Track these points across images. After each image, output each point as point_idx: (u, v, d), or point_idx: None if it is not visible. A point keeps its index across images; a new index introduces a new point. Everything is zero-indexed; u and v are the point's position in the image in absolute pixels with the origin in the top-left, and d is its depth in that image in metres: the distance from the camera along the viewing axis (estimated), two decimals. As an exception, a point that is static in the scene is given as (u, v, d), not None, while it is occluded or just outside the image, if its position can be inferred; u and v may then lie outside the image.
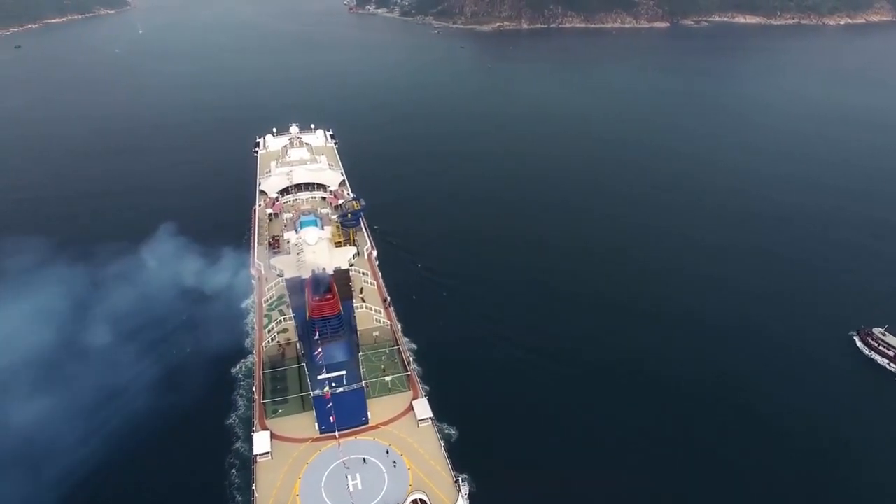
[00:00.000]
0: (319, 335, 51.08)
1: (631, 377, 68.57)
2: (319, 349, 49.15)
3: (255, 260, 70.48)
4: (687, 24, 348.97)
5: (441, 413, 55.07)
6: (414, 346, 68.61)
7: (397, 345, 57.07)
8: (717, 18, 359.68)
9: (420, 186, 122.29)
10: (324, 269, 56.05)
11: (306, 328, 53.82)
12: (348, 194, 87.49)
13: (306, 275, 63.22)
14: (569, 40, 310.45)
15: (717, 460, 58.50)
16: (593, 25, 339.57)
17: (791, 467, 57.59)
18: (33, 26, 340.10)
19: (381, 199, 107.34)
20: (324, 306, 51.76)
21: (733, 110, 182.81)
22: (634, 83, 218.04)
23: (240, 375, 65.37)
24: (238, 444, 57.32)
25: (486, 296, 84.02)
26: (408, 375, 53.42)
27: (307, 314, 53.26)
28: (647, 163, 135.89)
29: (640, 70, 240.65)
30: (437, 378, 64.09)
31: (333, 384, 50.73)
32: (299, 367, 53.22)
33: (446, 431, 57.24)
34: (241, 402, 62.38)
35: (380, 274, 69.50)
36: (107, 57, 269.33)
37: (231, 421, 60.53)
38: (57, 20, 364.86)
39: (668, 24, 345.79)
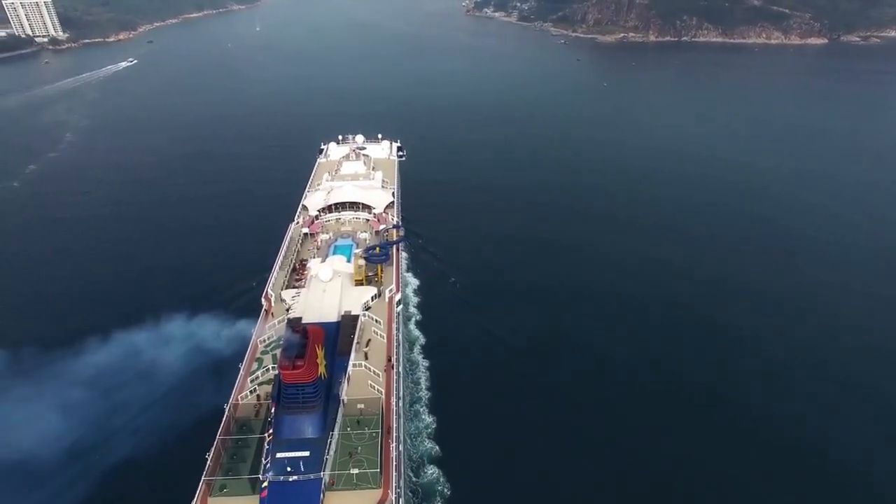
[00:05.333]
0: (282, 405, 42.85)
1: None
2: (269, 430, 40.65)
3: (268, 288, 63.90)
4: (851, 40, 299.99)
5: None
6: (432, 421, 58.00)
7: (382, 426, 47.08)
8: (892, 34, 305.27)
9: (491, 221, 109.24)
10: (303, 326, 47.40)
11: (279, 390, 45.94)
12: (392, 219, 79.35)
13: (310, 318, 55.72)
14: (702, 58, 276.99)
15: None
16: (732, 41, 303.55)
17: None
18: (173, 21, 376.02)
19: (445, 227, 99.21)
20: (294, 374, 43.41)
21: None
22: (779, 116, 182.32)
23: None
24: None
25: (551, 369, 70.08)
26: (381, 471, 43.28)
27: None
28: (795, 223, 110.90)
29: (790, 99, 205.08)
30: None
31: (289, 468, 42.32)
32: (259, 437, 45.15)
33: None
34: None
35: (395, 324, 59.88)
36: (219, 52, 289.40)
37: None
38: (194, 15, 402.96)
39: (826, 41, 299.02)
